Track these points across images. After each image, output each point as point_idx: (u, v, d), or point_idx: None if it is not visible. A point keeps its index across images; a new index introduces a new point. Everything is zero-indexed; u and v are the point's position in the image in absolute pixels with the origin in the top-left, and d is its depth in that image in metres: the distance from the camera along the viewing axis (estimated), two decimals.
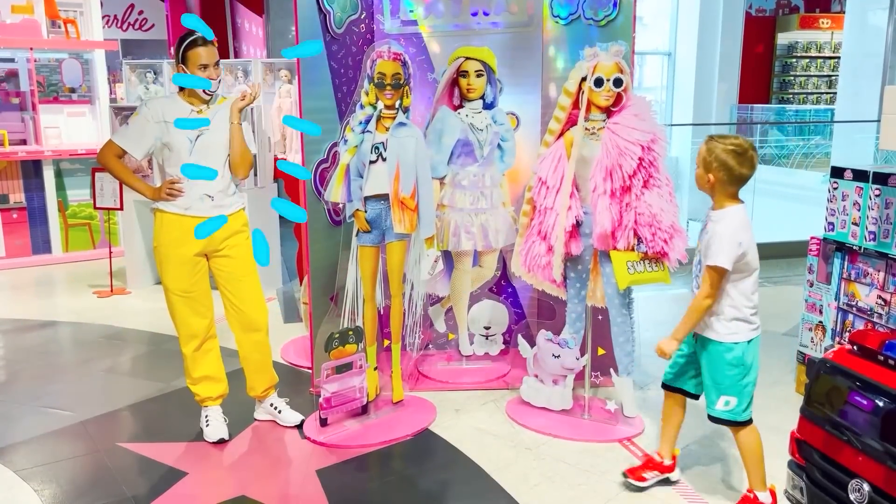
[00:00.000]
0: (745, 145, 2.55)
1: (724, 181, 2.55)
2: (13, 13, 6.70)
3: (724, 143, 2.54)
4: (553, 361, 3.43)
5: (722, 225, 2.56)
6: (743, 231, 2.55)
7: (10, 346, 4.66)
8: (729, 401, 2.64)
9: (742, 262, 2.55)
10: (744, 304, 2.60)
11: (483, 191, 3.81)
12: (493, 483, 2.95)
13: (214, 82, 3.11)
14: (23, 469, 3.07)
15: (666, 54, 11.63)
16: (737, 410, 2.65)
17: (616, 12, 3.65)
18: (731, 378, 2.63)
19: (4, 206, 6.58)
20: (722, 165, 2.53)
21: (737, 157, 2.52)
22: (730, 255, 2.51)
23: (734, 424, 2.68)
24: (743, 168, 2.53)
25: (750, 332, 2.63)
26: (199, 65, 3.05)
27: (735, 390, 2.63)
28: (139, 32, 9.50)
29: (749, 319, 2.62)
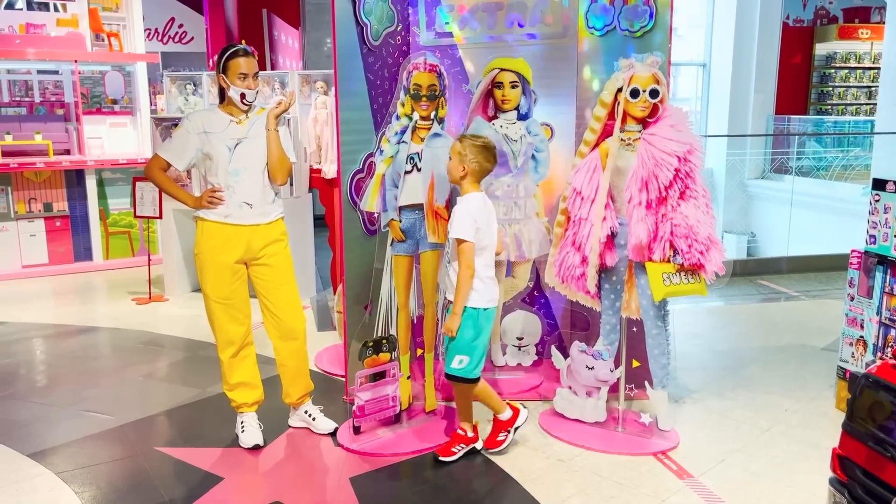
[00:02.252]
0: (491, 144, 3.09)
1: (475, 171, 3.05)
2: (58, 26, 6.90)
3: (475, 141, 3.05)
4: (587, 373, 3.41)
5: (462, 206, 3.04)
6: (478, 211, 3.03)
7: (52, 350, 4.77)
8: (462, 359, 3.07)
9: (477, 238, 3.00)
10: (483, 274, 3.06)
11: (517, 201, 3.81)
12: (526, 494, 2.94)
13: (252, 92, 3.17)
14: (64, 471, 3.13)
15: (701, 65, 11.55)
16: (468, 368, 3.09)
17: (652, 23, 3.64)
18: (466, 338, 3.06)
19: (48, 214, 6.76)
20: (476, 158, 3.02)
21: (486, 153, 3.04)
22: (466, 227, 2.98)
23: (465, 381, 3.11)
24: (489, 162, 3.06)
25: (485, 301, 3.08)
26: (239, 73, 3.12)
27: (468, 350, 3.07)
28: (179, 45, 9.70)
29: (484, 289, 3.07)
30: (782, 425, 3.55)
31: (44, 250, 6.76)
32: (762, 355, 4.57)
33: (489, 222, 3.09)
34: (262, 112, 3.26)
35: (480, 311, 3.08)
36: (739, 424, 3.56)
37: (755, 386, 4.05)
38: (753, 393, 3.95)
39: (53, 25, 6.90)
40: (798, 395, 3.92)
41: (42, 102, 7.15)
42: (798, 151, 10.49)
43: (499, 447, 3.24)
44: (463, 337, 3.07)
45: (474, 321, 3.07)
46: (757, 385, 4.06)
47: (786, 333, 5.03)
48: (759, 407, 3.76)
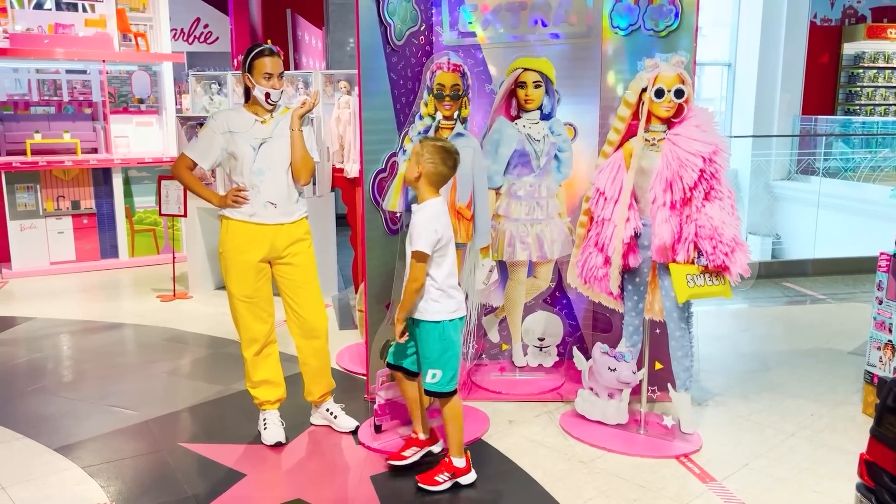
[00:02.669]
0: (451, 147, 2.89)
1: (430, 173, 2.85)
2: (87, 26, 7.00)
3: (434, 143, 2.88)
4: (609, 375, 3.39)
5: (420, 215, 2.86)
6: (437, 220, 2.86)
7: (79, 346, 4.85)
8: (435, 373, 2.91)
9: (439, 247, 2.86)
10: (445, 284, 2.90)
11: (539, 201, 3.80)
12: (547, 495, 2.93)
13: (277, 92, 3.19)
14: (90, 465, 3.18)
15: (726, 65, 11.43)
16: (441, 382, 2.91)
17: (677, 23, 3.61)
18: (436, 352, 2.91)
19: (76, 211, 6.86)
20: (430, 159, 2.83)
21: (443, 154, 2.84)
22: (428, 240, 2.81)
23: (441, 395, 2.93)
24: (445, 165, 2.85)
25: (448, 313, 2.91)
26: (265, 73, 3.14)
27: (440, 363, 2.91)
28: (204, 45, 9.79)
29: (446, 300, 2.90)
30: (808, 430, 3.50)
31: (71, 247, 6.86)
32: (787, 359, 4.52)
33: (448, 226, 2.93)
34: (287, 112, 3.28)
35: (445, 323, 2.91)
36: (764, 428, 3.52)
37: (780, 390, 4.00)
38: (778, 397, 3.90)
39: (82, 25, 7.00)
40: (824, 400, 3.86)
41: (70, 102, 7.26)
42: (825, 152, 10.34)
43: (430, 486, 2.93)
44: (432, 351, 2.91)
45: (440, 335, 2.90)
46: (782, 389, 4.02)
47: (812, 337, 4.96)
48: (785, 411, 3.72)
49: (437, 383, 2.92)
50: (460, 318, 2.97)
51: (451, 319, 2.92)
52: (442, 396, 2.94)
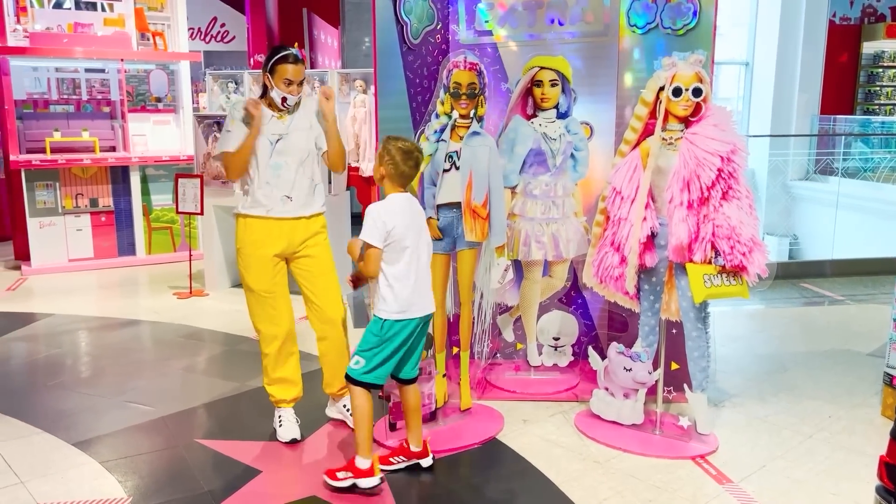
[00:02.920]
0: (412, 147, 2.90)
1: (391, 174, 2.87)
2: (105, 26, 7.06)
3: (396, 143, 2.87)
4: (624, 375, 3.37)
5: (373, 208, 2.85)
6: (392, 215, 2.83)
7: (96, 342, 4.89)
8: (359, 360, 2.90)
9: (389, 244, 2.83)
10: (394, 285, 2.86)
11: (555, 200, 3.79)
12: (562, 495, 2.92)
13: (294, 97, 3.20)
14: (107, 460, 3.21)
15: (743, 64, 11.34)
16: (359, 370, 2.89)
17: (695, 21, 3.59)
18: (366, 343, 2.90)
19: (94, 209, 6.92)
20: (391, 160, 2.85)
21: (403, 155, 2.85)
22: (374, 231, 2.81)
23: (354, 382, 2.90)
24: (406, 165, 2.86)
25: (395, 313, 2.87)
26: (285, 79, 3.15)
27: (366, 354, 2.89)
28: (221, 44, 9.86)
29: (393, 299, 2.86)
30: (826, 432, 3.47)
31: (89, 245, 6.93)
32: (805, 360, 4.48)
33: (410, 226, 2.88)
34: (302, 102, 3.29)
35: (388, 322, 2.87)
36: (781, 430, 3.50)
37: (797, 391, 3.97)
38: (796, 398, 3.87)
39: (101, 25, 7.06)
40: (842, 402, 3.83)
41: (89, 100, 7.32)
42: (844, 152, 10.24)
43: (330, 480, 2.92)
44: (366, 341, 2.90)
45: (379, 330, 2.88)
46: (799, 390, 3.98)
47: (830, 338, 4.92)
48: (802, 413, 3.69)
49: (356, 370, 2.90)
50: (409, 320, 2.89)
51: (396, 320, 2.87)
52: (355, 384, 2.90)
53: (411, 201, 2.94)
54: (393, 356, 2.92)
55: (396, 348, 2.91)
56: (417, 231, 2.92)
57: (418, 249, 2.92)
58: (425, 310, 2.96)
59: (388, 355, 2.90)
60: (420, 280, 2.92)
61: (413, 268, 2.90)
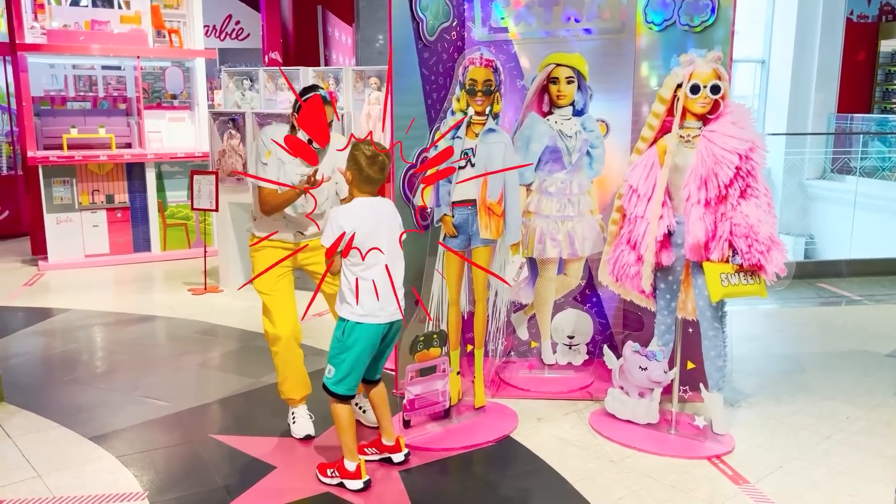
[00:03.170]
0: (377, 152, 2.86)
1: (357, 180, 2.88)
2: (122, 23, 7.10)
3: (364, 150, 2.85)
4: (640, 374, 3.35)
5: (334, 212, 2.86)
6: (351, 219, 2.82)
7: (112, 338, 4.92)
8: (330, 369, 2.92)
9: (351, 249, 2.81)
10: (355, 289, 2.84)
11: (570, 198, 3.77)
12: (577, 494, 2.91)
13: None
14: (123, 455, 3.23)
15: (759, 62, 11.26)
16: (331, 380, 2.91)
17: (713, 18, 3.56)
18: (334, 349, 2.91)
19: (110, 205, 6.96)
20: (356, 165, 2.85)
21: (367, 160, 2.83)
22: (331, 233, 2.80)
23: (329, 394, 2.92)
24: (370, 170, 2.84)
25: (357, 316, 2.86)
26: None
27: (334, 361, 2.91)
28: (235, 42, 9.89)
29: (361, 304, 2.84)
30: (844, 433, 3.44)
31: (105, 240, 6.97)
32: (822, 360, 4.44)
33: (375, 228, 2.84)
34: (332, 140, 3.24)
35: (349, 324, 2.86)
36: (798, 431, 3.46)
37: (815, 391, 3.93)
38: (813, 399, 3.83)
39: (117, 22, 7.10)
40: (861, 402, 3.79)
41: (105, 97, 7.37)
42: (862, 151, 10.14)
43: (319, 475, 2.98)
44: (331, 347, 2.91)
45: (340, 333, 2.88)
46: (817, 391, 3.95)
47: (847, 338, 4.87)
48: (819, 413, 3.65)
49: (328, 379, 2.91)
50: (371, 325, 2.86)
51: (357, 322, 2.85)
52: (330, 395, 2.92)
53: (378, 205, 2.91)
54: (359, 363, 2.91)
55: (360, 354, 2.89)
56: (384, 235, 2.87)
57: (385, 254, 2.87)
58: (391, 316, 2.91)
59: (353, 361, 2.88)
60: (384, 286, 2.86)
61: (377, 272, 2.85)
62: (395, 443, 3.12)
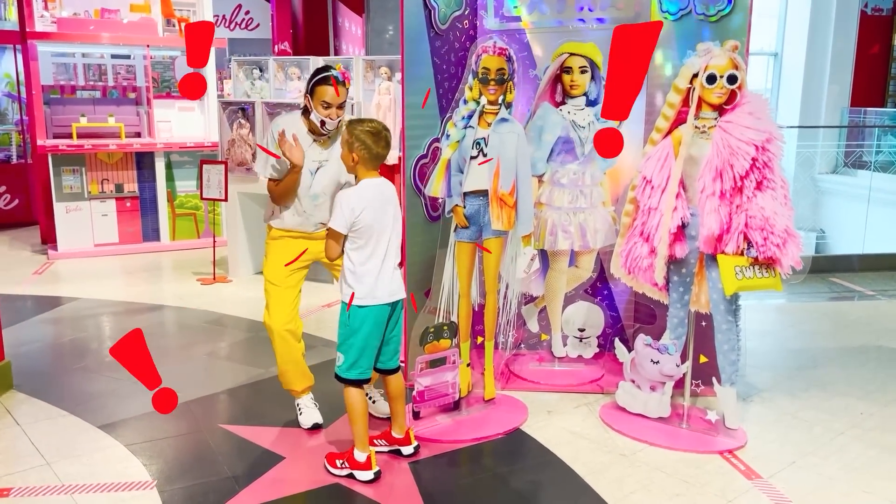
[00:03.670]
0: (380, 127, 2.84)
1: (365, 159, 2.82)
2: (132, 12, 7.08)
3: (362, 126, 2.81)
4: (652, 367, 3.32)
5: (344, 194, 2.83)
6: (363, 200, 2.80)
7: (121, 326, 4.92)
8: (340, 356, 2.90)
9: (357, 230, 2.80)
10: (361, 270, 2.83)
11: (582, 189, 3.74)
12: (587, 487, 2.88)
13: (333, 122, 3.08)
14: (133, 444, 3.22)
15: (772, 55, 11.16)
16: (342, 367, 2.89)
17: (730, 7, 3.51)
18: (341, 335, 2.90)
19: (119, 194, 6.96)
20: (363, 145, 2.79)
21: (373, 137, 2.80)
22: (343, 219, 2.78)
23: (341, 380, 2.90)
24: (378, 147, 2.81)
25: (361, 299, 2.84)
26: (323, 101, 3.03)
27: (343, 348, 2.89)
28: (245, 31, 9.87)
29: (363, 286, 2.83)
30: (858, 429, 3.40)
31: (114, 230, 6.97)
32: (836, 355, 4.39)
33: (380, 210, 2.84)
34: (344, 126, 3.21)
35: (353, 308, 2.85)
36: (812, 426, 3.43)
37: (829, 387, 3.89)
38: (827, 394, 3.79)
39: (127, 11, 7.08)
40: (875, 398, 3.74)
41: (115, 86, 7.36)
42: (876, 145, 10.04)
43: (329, 466, 2.95)
44: (339, 333, 2.91)
45: (345, 318, 2.87)
46: (831, 386, 3.90)
47: (861, 333, 4.82)
48: (833, 409, 3.61)
49: (339, 367, 2.90)
50: (374, 306, 2.86)
51: (359, 306, 2.84)
52: (343, 382, 2.90)
53: (383, 185, 2.91)
54: (367, 346, 2.89)
55: (367, 336, 2.88)
56: (389, 216, 2.88)
57: (387, 234, 2.88)
58: (394, 295, 2.92)
59: (361, 345, 2.88)
60: (387, 266, 2.88)
61: (379, 253, 2.86)
62: (405, 435, 3.10)
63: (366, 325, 2.86)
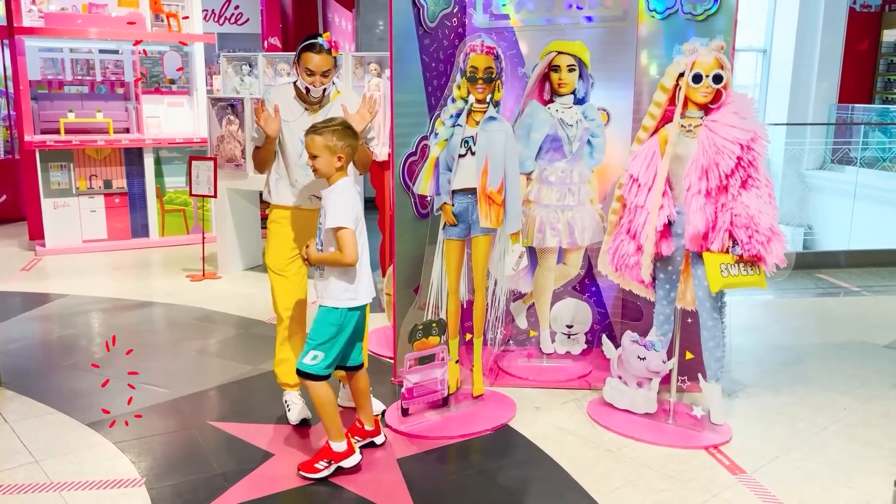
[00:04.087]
0: (347, 122, 2.84)
1: (350, 155, 2.83)
2: (120, 6, 7.03)
3: (335, 125, 2.78)
4: (638, 363, 3.35)
5: (336, 193, 2.79)
6: (354, 197, 2.81)
7: (110, 323, 4.91)
8: (317, 355, 2.84)
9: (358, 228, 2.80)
10: (349, 272, 2.82)
11: (570, 187, 3.76)
12: (574, 483, 2.91)
13: (318, 89, 3.10)
14: (121, 441, 3.22)
15: (761, 51, 11.21)
16: (321, 365, 2.85)
17: (716, 7, 3.53)
18: (325, 334, 2.85)
19: (108, 190, 6.94)
20: (346, 143, 2.78)
21: (349, 132, 2.80)
22: (348, 213, 2.75)
23: (315, 378, 2.85)
24: (356, 139, 2.83)
25: (350, 301, 2.85)
26: (307, 68, 3.06)
27: (325, 347, 2.85)
28: (234, 26, 9.82)
29: (352, 289, 2.84)
30: (841, 424, 3.44)
31: (103, 226, 6.95)
32: (820, 351, 4.44)
33: (361, 208, 2.88)
34: (337, 97, 3.23)
35: (343, 310, 2.85)
36: (796, 421, 3.47)
37: (813, 382, 3.94)
38: (811, 389, 3.84)
39: (115, 6, 7.03)
40: (858, 394, 3.79)
41: (103, 81, 7.32)
42: (863, 142, 10.12)
43: (310, 474, 2.89)
44: (322, 334, 2.85)
45: (336, 320, 2.85)
46: (815, 382, 3.95)
47: (845, 329, 4.87)
48: (817, 404, 3.66)
49: (316, 366, 2.85)
50: (361, 306, 2.90)
51: (350, 308, 2.86)
52: (314, 379, 2.86)
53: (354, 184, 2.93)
54: (344, 345, 2.92)
55: (349, 337, 2.91)
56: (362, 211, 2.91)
57: (363, 233, 2.91)
58: (371, 293, 2.95)
59: (342, 345, 2.90)
60: (365, 264, 2.91)
61: (365, 251, 2.89)
62: (374, 426, 3.14)
63: (350, 326, 2.89)
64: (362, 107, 3.17)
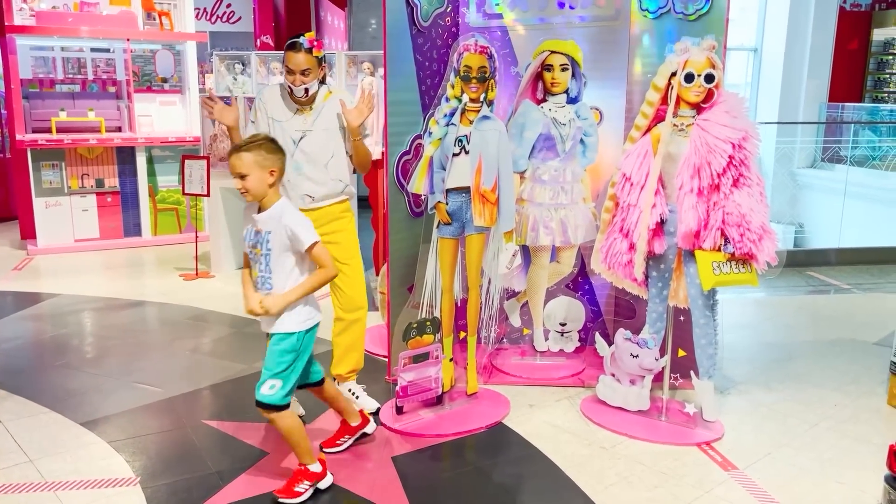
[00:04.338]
0: (270, 136, 2.75)
1: (282, 168, 2.68)
2: (111, 5, 7.01)
3: (261, 141, 2.65)
4: (631, 361, 3.37)
5: (288, 215, 2.66)
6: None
7: (103, 323, 4.90)
8: (274, 384, 2.68)
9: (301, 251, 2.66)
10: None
11: (563, 186, 3.78)
12: (568, 480, 2.93)
13: (299, 89, 3.12)
14: (115, 440, 3.22)
15: (752, 50, 11.26)
16: (279, 395, 2.68)
17: (708, 6, 3.55)
18: (284, 362, 2.70)
19: (100, 189, 6.91)
20: (276, 156, 2.65)
21: (275, 145, 2.67)
22: (311, 230, 2.66)
23: (275, 409, 2.69)
24: (283, 152, 2.70)
25: (306, 322, 2.74)
26: (287, 67, 3.10)
27: (283, 375, 2.69)
28: (227, 25, 9.79)
29: (307, 309, 2.74)
30: (831, 420, 3.47)
31: (95, 225, 6.93)
32: (811, 348, 4.47)
33: None
34: (330, 97, 3.24)
35: (300, 334, 2.72)
36: (787, 418, 3.50)
37: (804, 379, 3.97)
38: (802, 386, 3.87)
39: (106, 4, 7.00)
40: (848, 390, 3.83)
41: (95, 80, 7.29)
42: (853, 140, 10.18)
43: (290, 499, 2.74)
44: (280, 363, 2.68)
45: (294, 346, 2.70)
46: (805, 378, 3.98)
47: (836, 327, 4.91)
48: (808, 401, 3.69)
49: (274, 396, 2.67)
50: (315, 325, 2.78)
51: (307, 329, 2.74)
52: (274, 410, 2.69)
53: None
54: (301, 367, 2.78)
55: (306, 358, 2.79)
56: None
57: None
58: (319, 310, 2.83)
59: (300, 368, 2.76)
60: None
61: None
62: (361, 419, 3.14)
63: (309, 346, 2.77)
64: (360, 102, 3.19)
